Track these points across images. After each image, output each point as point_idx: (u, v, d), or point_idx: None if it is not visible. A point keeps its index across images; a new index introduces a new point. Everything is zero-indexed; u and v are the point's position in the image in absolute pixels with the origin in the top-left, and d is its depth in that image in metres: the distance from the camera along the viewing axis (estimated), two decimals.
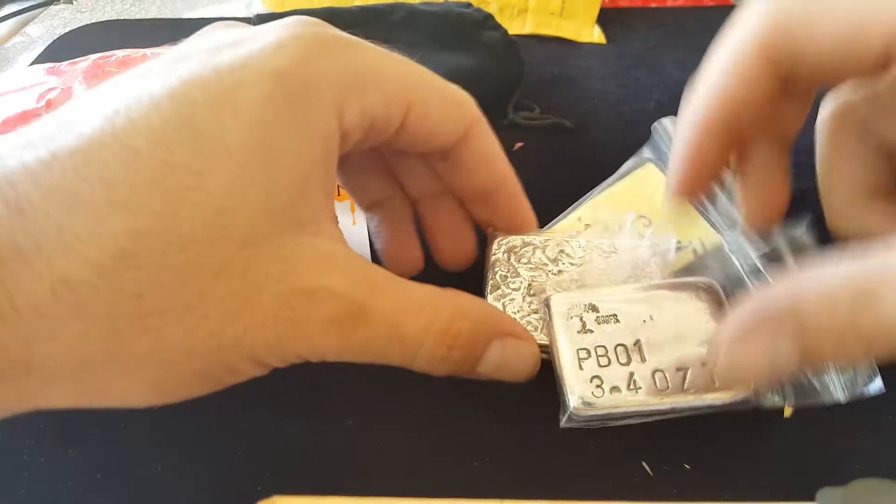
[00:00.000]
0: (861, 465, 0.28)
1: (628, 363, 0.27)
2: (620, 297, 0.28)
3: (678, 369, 0.26)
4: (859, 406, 0.29)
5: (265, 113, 0.19)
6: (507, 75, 0.47)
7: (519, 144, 0.44)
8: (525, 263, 0.31)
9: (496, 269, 0.31)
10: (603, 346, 0.27)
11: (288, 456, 0.29)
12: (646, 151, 0.39)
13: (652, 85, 0.50)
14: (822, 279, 0.20)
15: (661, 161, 0.37)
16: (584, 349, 0.27)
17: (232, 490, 0.28)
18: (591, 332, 0.27)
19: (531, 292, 0.30)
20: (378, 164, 0.30)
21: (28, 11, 0.62)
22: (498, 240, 0.32)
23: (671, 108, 0.51)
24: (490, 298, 0.30)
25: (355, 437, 0.29)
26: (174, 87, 0.19)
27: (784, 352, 0.20)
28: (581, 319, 0.27)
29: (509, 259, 0.31)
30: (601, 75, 0.51)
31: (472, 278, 0.32)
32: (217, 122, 0.19)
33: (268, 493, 0.26)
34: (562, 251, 0.31)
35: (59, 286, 0.17)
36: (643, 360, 0.27)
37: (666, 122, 0.39)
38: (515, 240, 0.32)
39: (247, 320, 0.19)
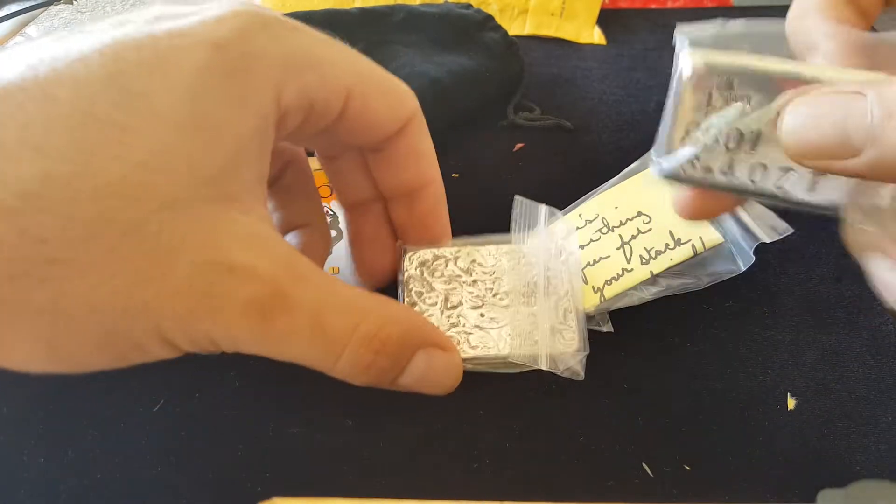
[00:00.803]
0: (861, 466, 0.28)
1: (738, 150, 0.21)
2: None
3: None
4: (858, 406, 0.30)
5: (200, 81, 0.19)
6: (507, 76, 0.47)
7: (519, 145, 0.44)
8: (439, 277, 0.31)
9: (410, 286, 0.30)
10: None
11: (288, 457, 0.29)
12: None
13: (652, 86, 0.50)
14: None
15: None
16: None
17: (232, 491, 0.28)
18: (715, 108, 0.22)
19: (448, 305, 0.30)
20: (363, 165, 0.30)
21: (28, 11, 0.62)
22: (409, 255, 0.31)
23: None
24: None
25: (355, 438, 0.29)
26: (105, 44, 0.18)
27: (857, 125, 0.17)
28: (710, 93, 0.22)
29: (422, 274, 0.31)
30: (601, 76, 0.51)
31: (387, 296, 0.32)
32: (147, 82, 0.18)
33: (268, 495, 0.26)
34: (473, 261, 0.31)
35: None
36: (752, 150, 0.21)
37: None
38: (427, 253, 0.31)
39: (157, 286, 0.18)
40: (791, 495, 0.26)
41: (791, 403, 0.30)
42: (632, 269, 0.31)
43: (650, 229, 0.33)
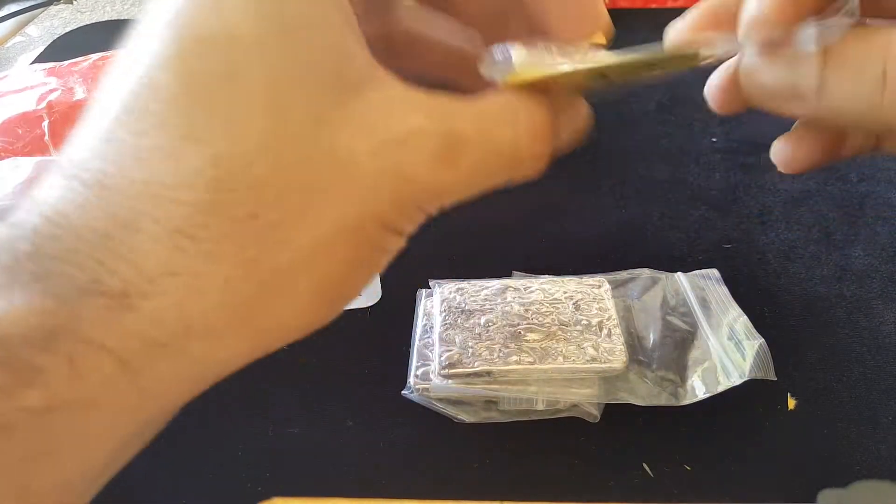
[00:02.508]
0: (861, 466, 0.27)
1: None
2: None
3: None
4: (858, 406, 0.30)
5: None
6: None
7: None
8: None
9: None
10: None
11: (288, 457, 0.29)
12: None
13: (652, 86, 0.50)
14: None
15: None
16: None
17: (232, 492, 0.28)
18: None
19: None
20: None
21: (28, 11, 0.62)
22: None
23: (672, 108, 0.51)
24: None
25: (355, 438, 0.29)
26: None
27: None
28: None
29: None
30: None
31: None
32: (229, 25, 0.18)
33: (267, 495, 0.26)
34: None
35: (178, 238, 0.17)
36: None
37: None
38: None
39: (356, 189, 0.19)
40: (791, 495, 0.26)
41: (791, 404, 0.30)
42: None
43: None
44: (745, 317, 0.31)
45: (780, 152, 0.24)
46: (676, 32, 0.25)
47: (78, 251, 0.16)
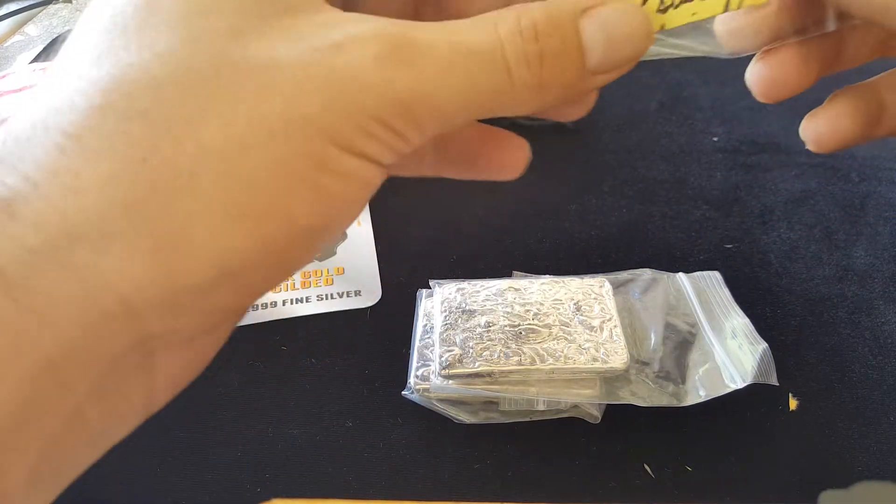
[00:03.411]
0: (863, 466, 0.27)
1: None
2: None
3: None
4: (860, 407, 0.29)
5: None
6: None
7: None
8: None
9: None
10: None
11: (288, 458, 0.29)
12: None
13: (653, 86, 0.49)
14: None
15: None
16: None
17: (232, 492, 0.27)
18: None
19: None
20: None
21: (27, 10, 0.62)
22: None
23: (673, 108, 0.51)
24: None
25: (355, 438, 0.29)
26: None
27: None
28: None
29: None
30: None
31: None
32: None
33: (267, 495, 0.26)
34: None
35: (64, 140, 0.16)
36: None
37: None
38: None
39: (276, 92, 0.16)
40: (793, 496, 0.26)
41: (793, 404, 0.30)
42: None
43: None
44: (748, 320, 0.31)
45: (813, 129, 0.22)
46: None
47: None
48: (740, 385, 0.28)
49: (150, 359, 0.17)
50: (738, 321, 0.31)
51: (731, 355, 0.30)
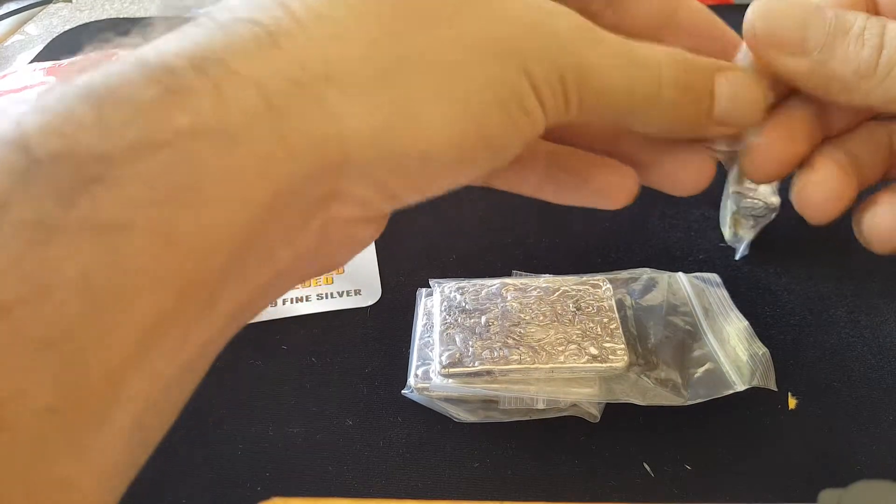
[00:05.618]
0: (863, 465, 0.27)
1: None
2: None
3: None
4: (859, 406, 0.29)
5: None
6: None
7: None
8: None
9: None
10: None
11: (288, 457, 0.29)
12: None
13: None
14: None
15: None
16: None
17: (232, 491, 0.28)
18: None
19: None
20: None
21: (27, 10, 0.62)
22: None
23: None
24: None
25: (355, 438, 0.29)
26: None
27: None
28: None
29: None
30: None
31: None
32: None
33: (267, 495, 0.26)
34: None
35: None
36: None
37: None
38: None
39: (513, 26, 0.19)
40: (792, 495, 0.26)
41: (792, 403, 0.30)
42: None
43: None
44: (748, 323, 0.31)
45: (879, 227, 0.25)
46: None
47: None
48: (739, 388, 0.28)
49: (316, 220, 0.18)
50: (738, 324, 0.31)
51: (731, 359, 0.30)
